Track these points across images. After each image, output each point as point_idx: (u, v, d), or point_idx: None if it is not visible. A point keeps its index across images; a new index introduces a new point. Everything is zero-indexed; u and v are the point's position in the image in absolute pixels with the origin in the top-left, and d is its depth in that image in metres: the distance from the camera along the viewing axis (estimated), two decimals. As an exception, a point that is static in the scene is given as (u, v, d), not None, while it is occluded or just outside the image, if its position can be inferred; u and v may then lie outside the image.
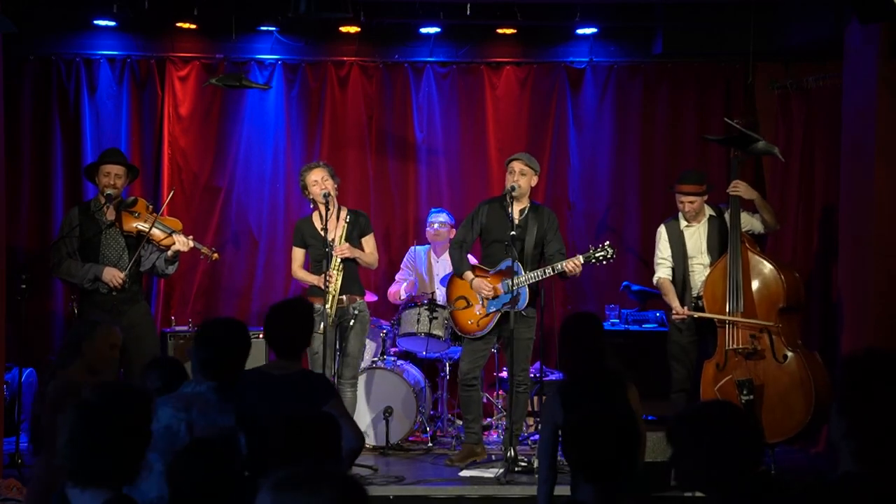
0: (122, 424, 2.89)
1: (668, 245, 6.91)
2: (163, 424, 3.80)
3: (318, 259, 6.90)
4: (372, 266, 7.12)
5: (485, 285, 6.77)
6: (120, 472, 2.88)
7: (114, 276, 6.63)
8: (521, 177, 6.76)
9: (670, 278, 6.87)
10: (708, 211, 6.91)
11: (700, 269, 6.83)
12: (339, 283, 6.80)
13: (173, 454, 3.13)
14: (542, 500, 4.69)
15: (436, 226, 7.89)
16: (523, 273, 6.63)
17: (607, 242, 6.72)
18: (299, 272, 7.03)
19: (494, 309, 6.79)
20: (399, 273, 8.10)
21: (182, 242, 6.73)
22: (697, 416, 2.86)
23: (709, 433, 2.77)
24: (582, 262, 6.61)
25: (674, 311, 6.76)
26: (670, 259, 6.90)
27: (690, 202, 6.80)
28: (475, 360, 6.89)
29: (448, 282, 7.15)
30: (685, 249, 6.86)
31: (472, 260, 7.24)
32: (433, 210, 8.06)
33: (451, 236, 7.74)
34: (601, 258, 6.65)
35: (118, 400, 2.96)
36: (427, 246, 8.08)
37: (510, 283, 6.59)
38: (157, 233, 6.75)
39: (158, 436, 3.63)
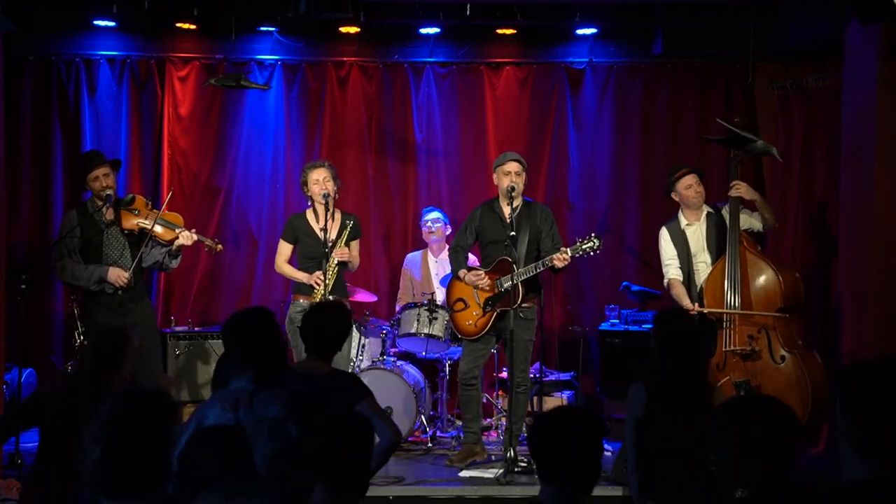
0: (151, 431, 2.86)
1: (672, 245, 6.91)
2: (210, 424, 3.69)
3: (310, 256, 6.92)
4: (353, 269, 7.16)
5: (478, 276, 6.78)
6: (152, 480, 2.85)
7: (119, 276, 6.64)
8: (518, 176, 6.77)
9: (680, 279, 6.85)
10: (705, 208, 6.92)
11: (703, 266, 6.82)
12: (332, 283, 6.83)
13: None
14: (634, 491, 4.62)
15: (429, 223, 7.91)
16: (516, 270, 6.63)
17: (593, 234, 6.68)
18: (284, 267, 7.06)
19: (490, 308, 6.79)
20: (400, 289, 8.13)
21: (186, 237, 6.75)
22: (737, 409, 2.85)
23: (747, 426, 2.76)
24: (570, 254, 6.58)
25: (685, 307, 6.69)
26: (677, 259, 6.89)
27: (697, 187, 6.83)
28: (474, 359, 6.90)
29: (447, 285, 7.17)
30: (689, 248, 6.86)
31: (474, 261, 7.25)
32: (426, 209, 8.08)
33: (447, 232, 7.80)
34: (588, 249, 6.61)
35: (147, 406, 2.93)
36: (420, 251, 8.10)
37: (502, 280, 6.63)
38: (159, 229, 6.76)
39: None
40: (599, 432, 3.04)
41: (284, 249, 7.06)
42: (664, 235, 6.97)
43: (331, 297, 6.80)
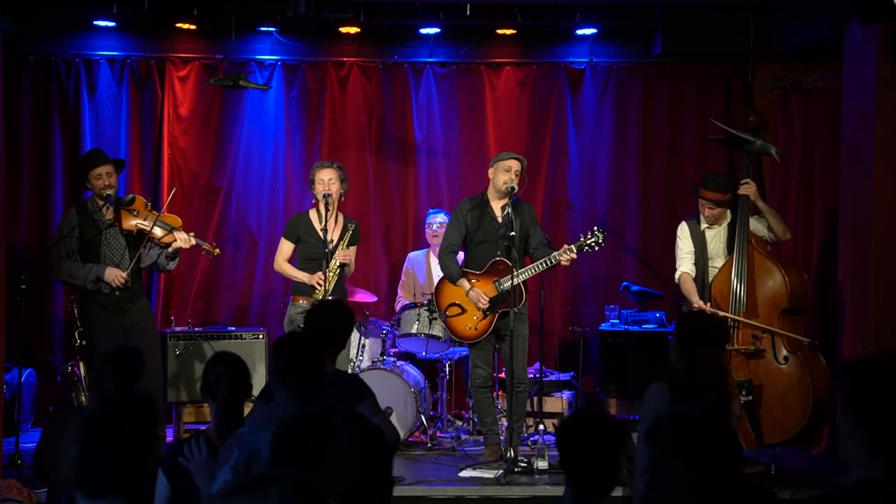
0: (127, 433, 2.88)
1: (689, 241, 6.84)
2: None
3: (312, 257, 6.92)
4: (348, 274, 7.18)
5: (482, 298, 6.75)
6: (129, 480, 2.87)
7: (116, 276, 6.65)
8: (517, 176, 6.77)
9: (693, 274, 6.80)
10: (729, 216, 6.84)
11: (716, 272, 6.79)
12: (333, 285, 6.83)
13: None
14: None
15: (434, 226, 7.89)
16: (516, 271, 6.62)
17: (596, 227, 6.70)
18: (284, 265, 7.06)
19: (491, 311, 6.78)
20: (400, 286, 8.12)
21: (183, 239, 6.75)
22: (675, 421, 2.79)
23: (684, 437, 2.70)
24: (575, 251, 6.61)
25: (695, 306, 6.64)
26: (693, 254, 6.82)
27: (711, 209, 6.73)
28: (488, 364, 6.90)
29: (436, 289, 7.13)
30: (706, 251, 6.81)
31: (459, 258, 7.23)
32: (431, 211, 8.07)
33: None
34: (593, 244, 6.64)
35: (123, 409, 2.95)
36: (424, 250, 8.09)
37: (501, 282, 6.62)
38: (157, 231, 6.76)
39: None
40: (627, 437, 3.04)
41: (286, 248, 7.06)
42: (683, 230, 6.89)
43: (331, 299, 6.82)
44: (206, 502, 3.57)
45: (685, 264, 6.83)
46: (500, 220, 6.74)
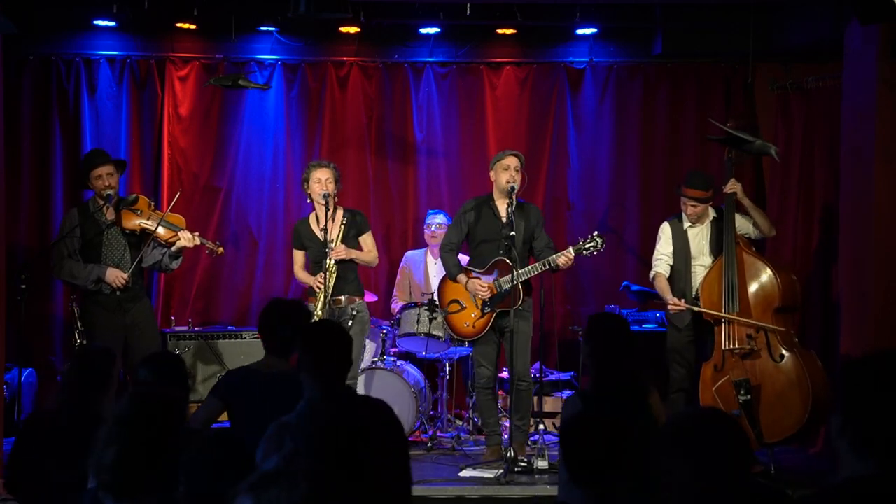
0: (160, 432, 2.86)
1: (670, 242, 6.90)
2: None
3: (317, 260, 6.92)
4: (371, 265, 7.14)
5: (480, 286, 6.76)
6: (162, 480, 2.86)
7: (117, 277, 6.64)
8: (516, 172, 6.76)
9: (667, 275, 6.86)
10: (711, 213, 6.89)
11: (701, 270, 6.81)
12: (332, 284, 6.80)
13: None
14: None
15: (433, 227, 7.89)
16: (516, 270, 6.61)
17: (596, 233, 6.70)
18: (300, 273, 7.06)
19: (489, 309, 6.79)
20: (396, 286, 8.11)
21: (187, 239, 6.74)
22: (682, 427, 2.76)
23: (695, 443, 2.65)
24: (573, 254, 6.60)
25: (669, 303, 6.72)
26: (670, 256, 6.88)
27: (693, 206, 6.78)
28: (491, 362, 6.89)
29: (439, 285, 7.15)
30: (689, 249, 6.84)
31: (462, 259, 7.24)
32: (431, 211, 8.07)
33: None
34: (591, 248, 6.63)
35: (161, 407, 2.93)
36: (423, 249, 8.09)
37: (501, 282, 6.62)
38: (161, 230, 6.76)
39: None
40: (629, 439, 3.01)
41: (298, 257, 7.06)
42: (664, 230, 6.95)
43: (342, 298, 6.83)
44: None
45: (660, 266, 6.90)
46: (504, 219, 6.74)
